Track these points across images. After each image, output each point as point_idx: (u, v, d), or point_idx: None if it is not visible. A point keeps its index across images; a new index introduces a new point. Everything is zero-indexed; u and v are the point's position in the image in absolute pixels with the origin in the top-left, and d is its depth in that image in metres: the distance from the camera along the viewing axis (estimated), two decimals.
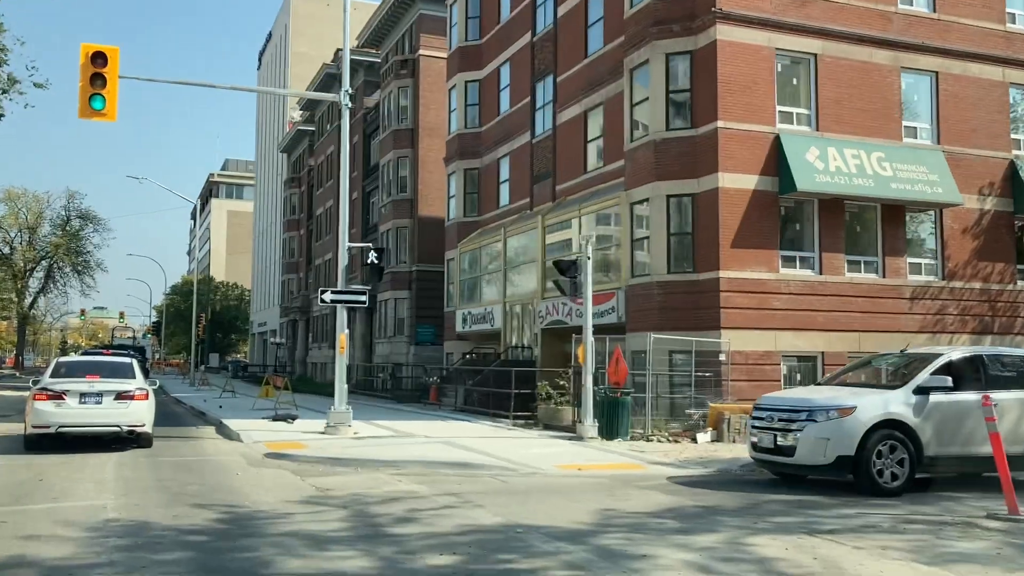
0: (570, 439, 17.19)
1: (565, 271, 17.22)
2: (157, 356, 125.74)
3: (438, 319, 43.63)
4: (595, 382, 17.79)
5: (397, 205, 44.91)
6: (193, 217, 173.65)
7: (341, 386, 18.31)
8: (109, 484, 11.26)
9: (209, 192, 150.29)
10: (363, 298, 19.03)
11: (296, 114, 79.93)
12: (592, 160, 27.04)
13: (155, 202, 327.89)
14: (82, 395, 14.95)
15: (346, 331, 18.75)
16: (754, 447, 11.70)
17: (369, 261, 19.01)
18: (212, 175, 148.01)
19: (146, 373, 47.71)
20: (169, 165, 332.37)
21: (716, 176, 20.90)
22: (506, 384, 23.13)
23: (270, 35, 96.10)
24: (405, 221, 44.50)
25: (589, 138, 27.13)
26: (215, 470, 12.84)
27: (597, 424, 16.87)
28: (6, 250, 75.00)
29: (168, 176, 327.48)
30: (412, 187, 44.68)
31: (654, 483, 11.75)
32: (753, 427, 11.72)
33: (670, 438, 17.10)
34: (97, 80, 16.18)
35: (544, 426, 19.72)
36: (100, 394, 15.03)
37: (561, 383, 20.50)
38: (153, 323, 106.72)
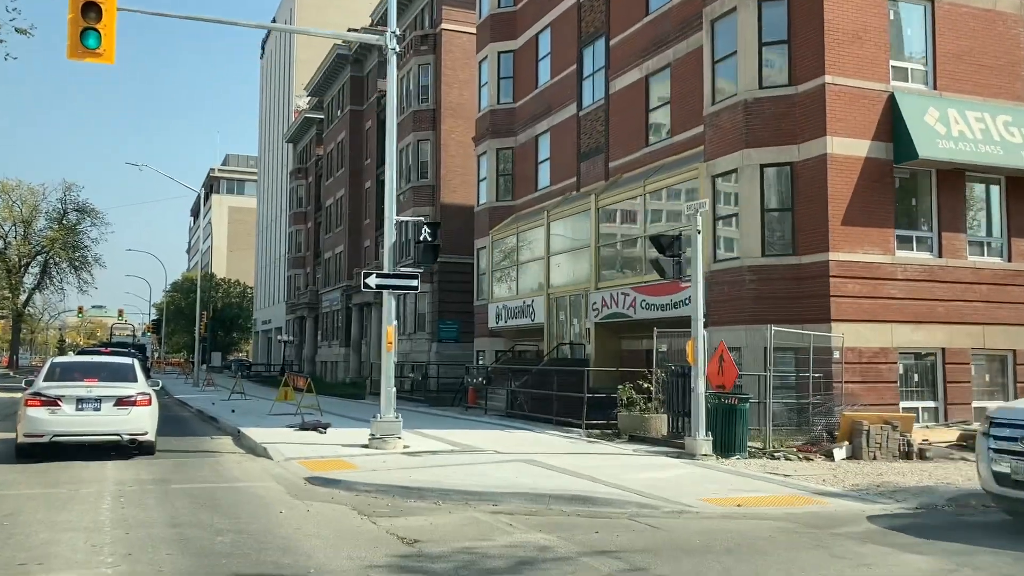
0: (676, 455, 14.00)
1: (666, 248, 14.01)
2: (157, 355, 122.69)
3: (464, 314, 40.46)
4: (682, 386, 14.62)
5: (417, 192, 41.70)
6: (194, 214, 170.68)
7: (389, 390, 15.12)
8: (106, 531, 8.09)
9: (210, 188, 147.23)
10: (414, 283, 15.86)
11: (302, 102, 76.70)
12: (656, 131, 23.85)
13: (155, 196, 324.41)
14: (79, 401, 13.47)
15: (395, 323, 15.56)
16: (998, 478, 8.50)
17: (422, 238, 15.79)
18: (213, 170, 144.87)
19: (147, 373, 45.02)
20: (168, 161, 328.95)
21: (824, 141, 17.72)
22: (571, 387, 19.96)
23: (274, 20, 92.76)
24: (426, 209, 41.27)
25: (651, 106, 23.95)
26: (249, 505, 9.65)
27: (711, 437, 13.67)
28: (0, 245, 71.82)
29: (167, 169, 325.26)
30: (434, 172, 41.47)
31: (860, 529, 8.59)
32: (995, 450, 8.54)
33: (799, 455, 13.92)
34: (91, 11, 12.99)
35: (629, 437, 16.51)
36: (99, 400, 13.55)
37: (646, 386, 17.30)
38: (153, 321, 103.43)
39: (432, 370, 38.90)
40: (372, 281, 15.30)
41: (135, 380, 14.67)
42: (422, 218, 15.81)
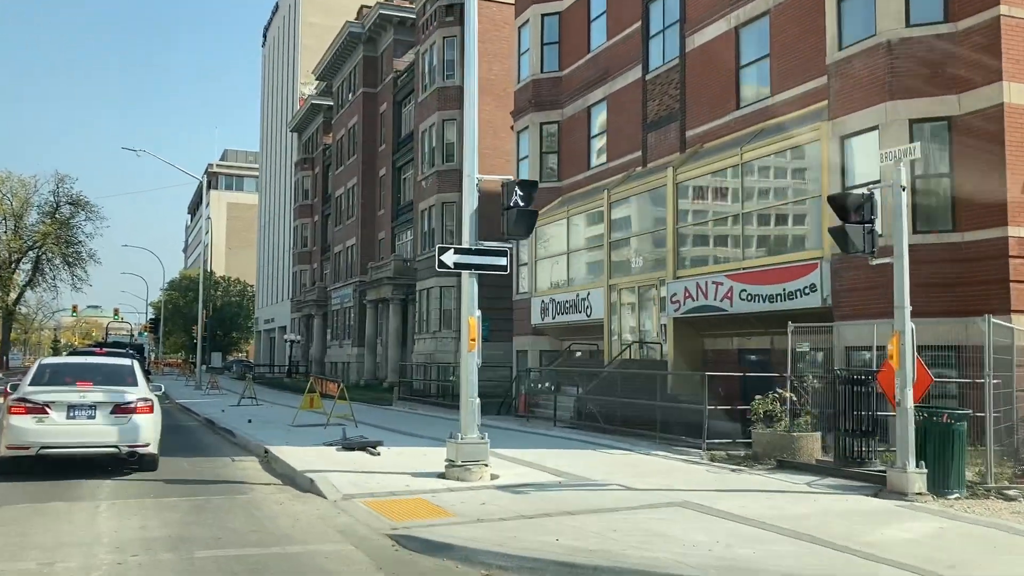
0: (873, 492, 10.30)
1: (851, 211, 10.43)
2: (154, 356, 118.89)
3: (495, 310, 36.77)
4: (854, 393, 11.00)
5: (443, 177, 38.08)
6: (191, 211, 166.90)
7: (471, 401, 11.58)
8: None
9: (208, 183, 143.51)
10: (503, 261, 12.42)
11: (308, 89, 73.08)
12: (750, 90, 20.29)
13: (152, 189, 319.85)
14: (70, 408, 11.95)
15: (477, 313, 12.04)
16: None
17: (512, 203, 12.29)
18: (211, 165, 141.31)
19: (147, 376, 41.58)
20: (165, 157, 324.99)
21: (998, 88, 14.18)
22: (658, 395, 16.43)
23: (276, 7, 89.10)
24: (453, 195, 37.66)
25: (743, 62, 20.38)
26: None
27: (924, 469, 10.07)
28: None
29: (164, 167, 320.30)
30: (461, 154, 37.80)
31: None
32: None
33: None
34: None
35: (778, 463, 12.83)
36: (93, 406, 12.00)
37: (786, 395, 13.70)
38: (150, 320, 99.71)
39: (455, 372, 35.35)
40: (450, 259, 11.83)
41: (135, 384, 12.91)
42: (509, 177, 11.99)
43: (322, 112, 65.23)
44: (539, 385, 22.85)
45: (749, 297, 18.27)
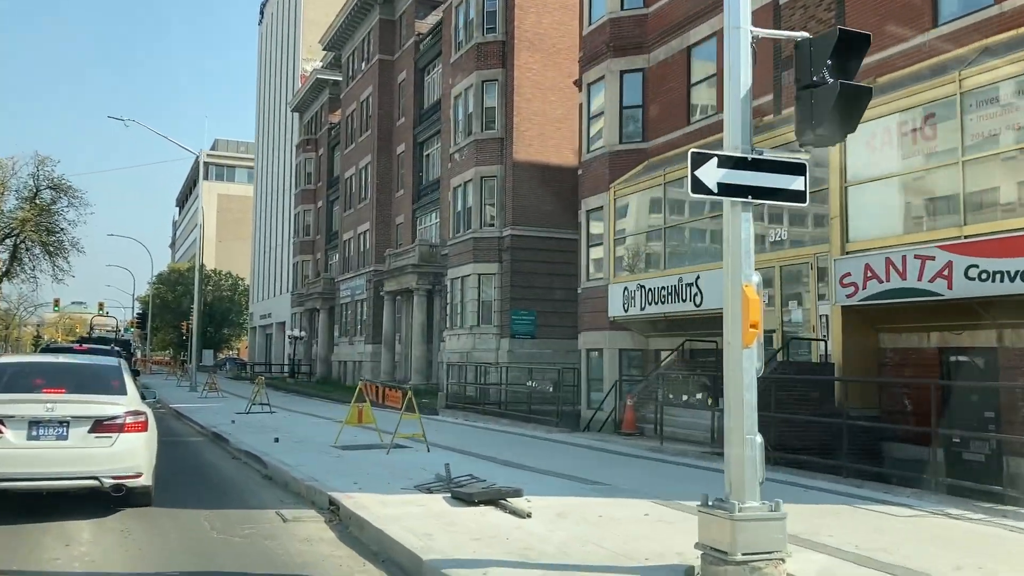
0: None
1: None
2: (141, 353, 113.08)
3: (544, 302, 31.77)
4: None
5: (481, 147, 32.83)
6: (180, 204, 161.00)
7: (748, 439, 6.27)
8: None
9: (197, 173, 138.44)
10: (799, 181, 6.99)
11: (311, 65, 67.65)
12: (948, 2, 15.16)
13: (142, 165, 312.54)
14: (33, 424, 8.62)
15: (756, 278, 6.78)
16: None
17: (818, 78, 6.84)
18: (201, 153, 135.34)
19: (136, 378, 34.74)
20: (154, 146, 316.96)
21: None
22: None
23: None
24: (492, 168, 32.46)
25: None
26: None
27: None
28: None
29: (153, 155, 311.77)
30: (503, 121, 32.63)
31: None
32: None
33: None
34: None
35: None
36: (64, 422, 8.65)
37: None
38: (137, 315, 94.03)
39: (496, 373, 30.16)
40: (711, 175, 6.56)
41: (122, 391, 9.67)
42: (793, 33, 6.49)
43: (327, 88, 59.86)
44: (659, 394, 17.55)
45: (984, 275, 13.10)
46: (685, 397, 14.85)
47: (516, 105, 32.05)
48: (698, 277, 19.86)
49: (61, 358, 11.93)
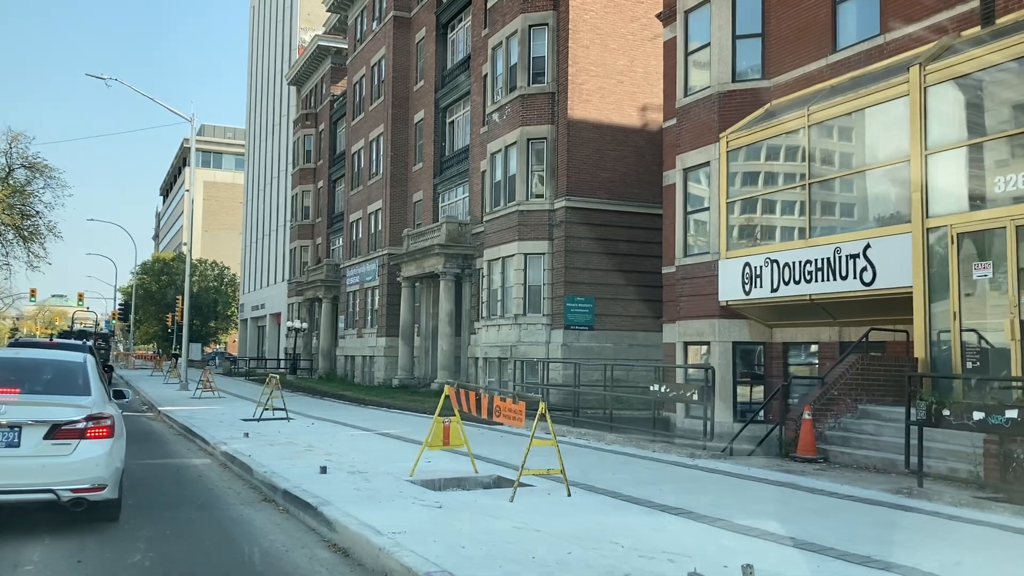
0: None
1: None
2: (124, 347, 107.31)
3: (604, 286, 26.90)
4: None
5: (528, 104, 27.79)
6: (164, 193, 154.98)
7: None
8: None
9: (183, 161, 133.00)
10: None
11: (309, 35, 62.31)
12: None
13: (131, 168, 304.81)
14: None
15: None
16: None
17: None
18: (186, 140, 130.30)
19: (107, 372, 27.84)
20: (140, 133, 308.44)
21: None
22: None
23: None
24: (542, 128, 27.45)
25: None
26: None
27: None
28: None
29: (137, 143, 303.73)
30: (554, 73, 27.60)
31: None
32: None
33: None
34: None
35: None
36: (16, 427, 7.74)
37: None
38: (120, 307, 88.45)
39: (553, 372, 25.26)
40: None
41: (86, 391, 8.53)
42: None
43: (330, 57, 54.66)
44: (858, 404, 12.55)
45: None
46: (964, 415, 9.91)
47: (571, 53, 27.03)
48: (867, 246, 14.96)
49: (19, 354, 10.65)
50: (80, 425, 7.93)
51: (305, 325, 50.12)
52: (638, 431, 17.25)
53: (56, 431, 7.82)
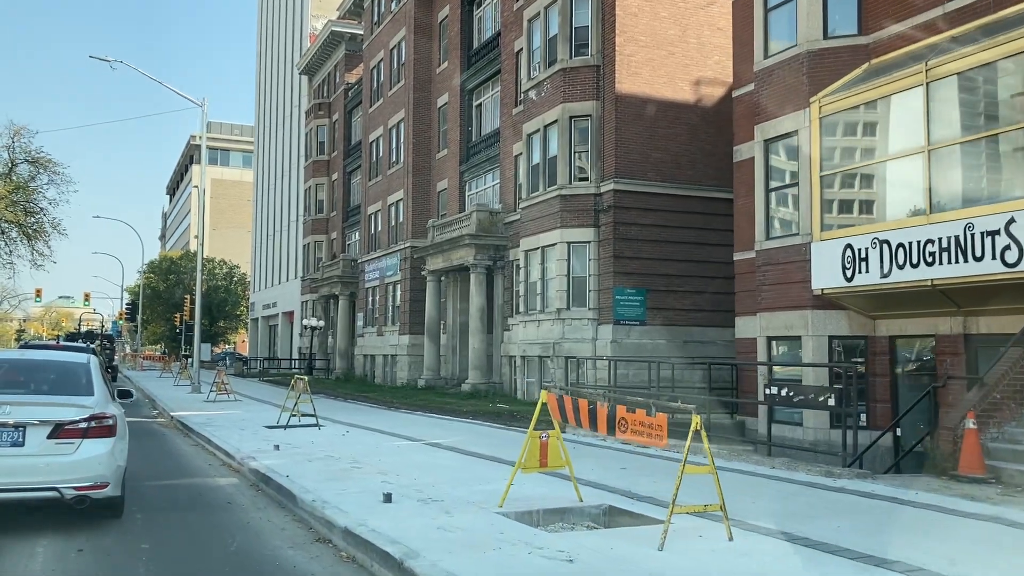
0: None
1: None
2: (130, 347, 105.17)
3: (656, 277, 24.60)
4: None
5: (570, 78, 25.46)
6: (171, 192, 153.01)
7: None
8: None
9: (190, 158, 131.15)
10: None
11: (320, 23, 60.06)
12: None
13: (135, 162, 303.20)
14: None
15: None
16: None
17: None
18: (193, 137, 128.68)
19: (112, 375, 28.44)
20: (146, 126, 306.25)
21: None
22: None
23: None
24: (585, 105, 25.12)
25: None
26: None
27: None
28: None
29: (144, 142, 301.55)
30: (599, 44, 25.25)
31: None
32: None
33: None
34: None
35: None
36: (20, 427, 7.89)
37: None
38: (127, 307, 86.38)
39: (596, 369, 22.98)
40: None
41: (89, 392, 8.70)
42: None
43: (344, 43, 52.41)
44: None
45: None
46: None
47: (618, 22, 24.67)
48: (1011, 221, 12.59)
49: (23, 355, 10.94)
50: (83, 425, 8.07)
51: (322, 323, 47.86)
52: (728, 440, 14.93)
53: (59, 431, 7.96)
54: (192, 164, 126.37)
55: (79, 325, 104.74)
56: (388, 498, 8.76)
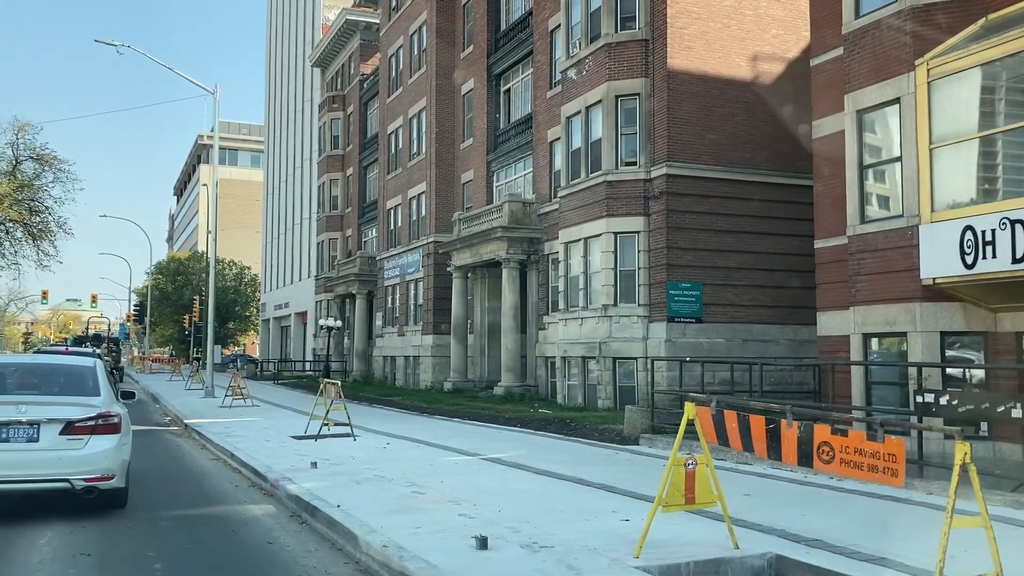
0: None
1: None
2: (138, 350, 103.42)
3: (713, 270, 22.56)
4: None
5: (615, 54, 23.39)
6: (179, 193, 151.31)
7: None
8: None
9: (197, 158, 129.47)
10: None
11: (333, 13, 58.12)
12: None
13: (140, 156, 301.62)
14: (3, 426, 8.59)
15: None
16: None
17: None
18: (201, 136, 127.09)
19: (117, 374, 29.52)
20: (152, 125, 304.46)
21: None
22: None
23: None
24: (633, 83, 23.06)
25: None
26: None
27: None
28: None
29: (151, 141, 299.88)
30: (648, 16, 23.17)
31: None
32: None
33: None
34: None
35: None
36: (35, 425, 8.66)
37: None
38: (135, 308, 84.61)
39: (657, 373, 20.93)
40: None
41: (95, 392, 9.53)
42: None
43: (358, 33, 50.43)
44: None
45: None
46: None
47: None
48: None
49: (35, 359, 11.87)
50: (91, 422, 8.86)
51: (339, 323, 45.86)
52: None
53: (70, 427, 8.75)
54: (200, 164, 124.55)
55: (86, 328, 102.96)
56: (483, 543, 6.71)
